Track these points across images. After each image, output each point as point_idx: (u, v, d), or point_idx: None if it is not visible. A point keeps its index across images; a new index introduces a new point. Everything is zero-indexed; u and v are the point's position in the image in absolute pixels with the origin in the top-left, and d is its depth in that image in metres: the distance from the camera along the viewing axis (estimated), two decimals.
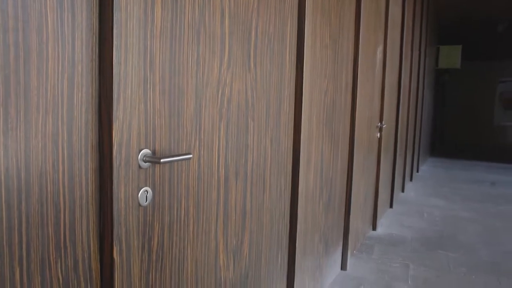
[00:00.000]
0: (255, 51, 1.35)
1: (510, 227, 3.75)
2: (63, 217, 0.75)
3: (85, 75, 0.77)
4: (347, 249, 2.64)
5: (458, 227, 3.70)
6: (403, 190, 5.06)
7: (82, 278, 0.80)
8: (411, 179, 5.78)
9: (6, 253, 0.65)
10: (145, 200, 0.93)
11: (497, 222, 3.91)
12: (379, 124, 3.33)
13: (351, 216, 2.66)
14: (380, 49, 3.26)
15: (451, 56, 8.41)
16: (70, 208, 0.76)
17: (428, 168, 7.14)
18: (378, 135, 3.39)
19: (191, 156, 0.97)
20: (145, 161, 0.91)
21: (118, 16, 0.80)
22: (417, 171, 6.49)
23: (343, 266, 2.64)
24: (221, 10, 1.15)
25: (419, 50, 5.75)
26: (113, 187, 0.82)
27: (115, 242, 0.84)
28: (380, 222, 3.75)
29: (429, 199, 4.79)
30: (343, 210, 2.60)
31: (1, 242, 0.65)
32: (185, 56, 1.02)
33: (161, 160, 0.89)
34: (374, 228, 3.50)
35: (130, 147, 0.86)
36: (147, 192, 0.93)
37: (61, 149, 0.73)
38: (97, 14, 0.78)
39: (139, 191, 0.91)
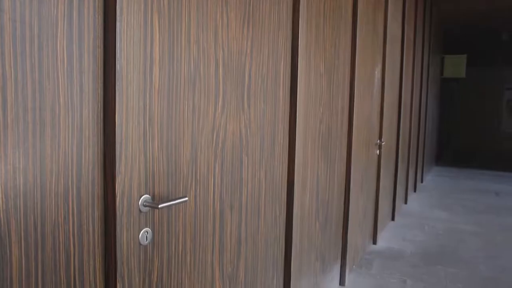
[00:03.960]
0: (249, 92, 1.47)
1: (511, 241, 3.80)
2: (73, 261, 0.87)
3: (91, 138, 0.89)
4: (345, 265, 2.73)
5: (459, 241, 3.76)
6: (406, 202, 5.12)
7: None
8: (414, 190, 5.83)
9: None
10: (145, 240, 1.04)
11: (499, 235, 3.96)
12: (378, 141, 3.42)
13: (349, 233, 2.75)
14: (378, 68, 3.36)
15: (456, 65, 8.46)
16: (79, 253, 0.88)
17: (433, 178, 7.18)
18: (378, 152, 3.48)
19: (186, 199, 1.09)
20: (145, 206, 1.03)
21: (120, 85, 0.92)
22: (422, 182, 6.53)
23: (342, 282, 2.73)
24: (215, 60, 1.27)
25: (422, 61, 5.82)
26: (117, 232, 0.94)
27: (119, 279, 0.96)
28: (381, 235, 3.82)
29: (432, 210, 4.85)
30: (341, 228, 2.70)
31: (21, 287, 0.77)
32: (181, 107, 1.14)
33: (159, 206, 1.01)
34: (374, 242, 3.58)
35: (131, 196, 0.98)
36: (147, 232, 1.05)
37: (71, 204, 0.85)
38: (102, 85, 0.90)
39: (140, 232, 1.02)
